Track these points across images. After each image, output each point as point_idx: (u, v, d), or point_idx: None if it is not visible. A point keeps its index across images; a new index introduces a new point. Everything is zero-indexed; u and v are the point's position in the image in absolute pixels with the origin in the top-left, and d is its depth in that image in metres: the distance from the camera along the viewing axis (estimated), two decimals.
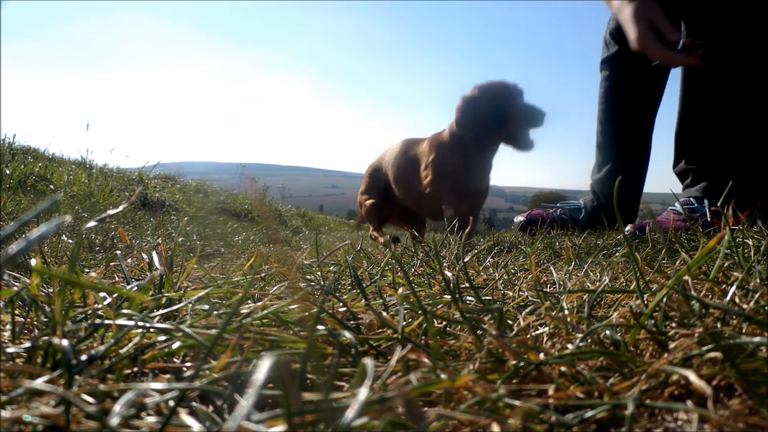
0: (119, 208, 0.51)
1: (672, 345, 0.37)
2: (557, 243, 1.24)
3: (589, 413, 0.30)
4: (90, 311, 0.47)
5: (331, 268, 0.94)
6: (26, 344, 0.38)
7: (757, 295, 0.42)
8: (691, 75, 1.45)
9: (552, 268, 0.75)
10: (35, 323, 0.46)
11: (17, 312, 0.50)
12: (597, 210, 1.85)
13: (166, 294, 0.54)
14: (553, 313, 0.47)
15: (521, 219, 1.92)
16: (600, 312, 0.54)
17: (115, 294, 0.49)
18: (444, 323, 0.48)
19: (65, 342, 0.34)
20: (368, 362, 0.31)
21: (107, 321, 0.40)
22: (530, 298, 0.61)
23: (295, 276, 0.73)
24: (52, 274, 0.39)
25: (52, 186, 3.26)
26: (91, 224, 0.48)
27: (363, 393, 0.26)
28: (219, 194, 5.79)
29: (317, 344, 0.40)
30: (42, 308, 0.44)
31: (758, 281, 0.48)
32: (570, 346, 0.40)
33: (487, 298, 0.62)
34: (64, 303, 0.41)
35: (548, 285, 0.76)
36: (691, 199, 1.45)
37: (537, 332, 0.45)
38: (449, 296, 0.52)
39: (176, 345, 0.39)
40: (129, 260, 1.09)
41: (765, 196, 1.32)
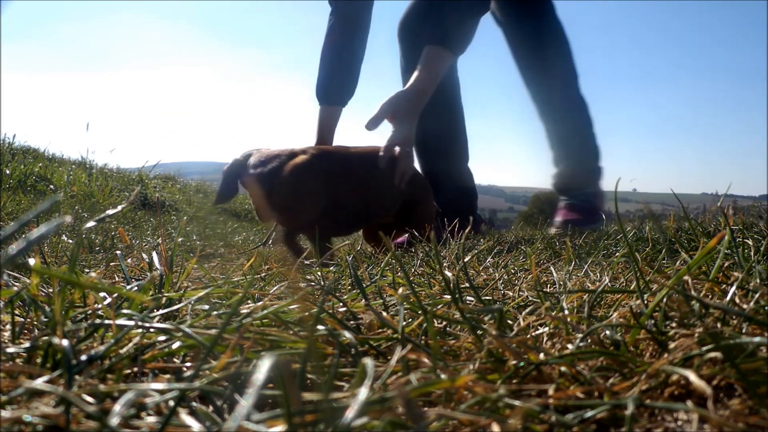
0: (118, 208, 0.51)
1: (672, 345, 0.37)
2: (557, 243, 1.24)
3: (589, 413, 0.30)
4: (90, 311, 0.47)
5: (331, 269, 0.94)
6: (26, 344, 0.38)
7: (757, 295, 0.42)
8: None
9: (552, 268, 0.75)
10: (35, 323, 0.46)
11: (17, 312, 0.50)
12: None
13: (166, 294, 0.54)
14: (553, 313, 0.47)
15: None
16: (600, 312, 0.54)
17: (115, 294, 0.49)
18: (444, 323, 0.48)
19: (65, 342, 0.34)
20: (368, 362, 0.31)
21: (107, 321, 0.40)
22: (530, 298, 0.61)
23: (295, 276, 0.73)
24: (52, 274, 0.39)
25: (52, 186, 3.26)
26: (91, 224, 0.48)
27: (363, 393, 0.26)
28: None
29: (317, 344, 0.40)
30: (42, 308, 0.44)
31: (758, 281, 0.48)
32: (570, 346, 0.40)
33: (487, 298, 0.62)
34: (64, 303, 0.41)
35: (548, 285, 0.76)
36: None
37: (537, 332, 0.45)
38: (449, 296, 0.52)
39: (176, 345, 0.39)
40: (129, 260, 1.09)
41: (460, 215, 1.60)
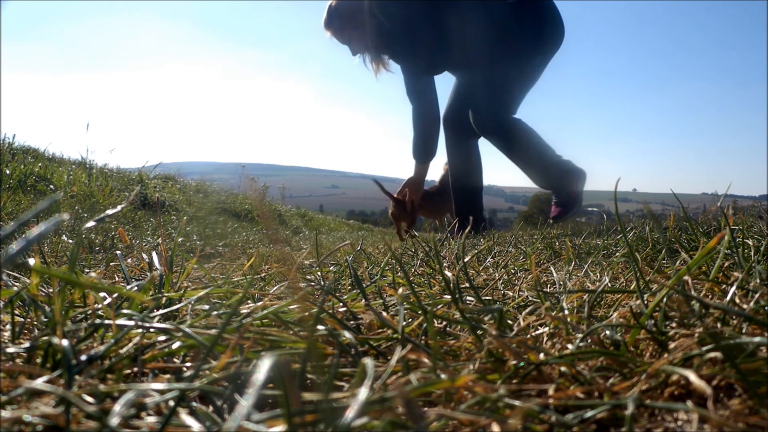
0: (118, 208, 0.51)
1: (672, 345, 0.37)
2: (557, 243, 1.24)
3: (589, 413, 0.30)
4: (90, 311, 0.47)
5: (331, 268, 0.94)
6: (26, 344, 0.38)
7: (757, 295, 0.42)
8: None
9: (552, 268, 0.75)
10: (35, 323, 0.46)
11: (17, 312, 0.50)
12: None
13: (166, 294, 0.54)
14: (553, 313, 0.47)
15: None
16: (600, 312, 0.54)
17: (115, 294, 0.49)
18: (444, 323, 0.48)
19: (65, 342, 0.34)
20: (368, 362, 0.31)
21: (107, 321, 0.40)
22: (530, 298, 0.61)
23: (295, 276, 0.73)
24: (52, 274, 0.39)
25: (52, 186, 3.26)
26: (90, 224, 0.48)
27: (363, 393, 0.26)
28: (219, 194, 5.79)
29: (317, 344, 0.40)
30: (42, 308, 0.44)
31: (758, 281, 0.48)
32: (570, 346, 0.40)
33: (487, 298, 0.62)
34: (64, 303, 0.41)
35: (548, 285, 0.76)
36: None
37: (537, 332, 0.45)
38: (449, 296, 0.52)
39: (176, 345, 0.39)
40: (129, 260, 1.09)
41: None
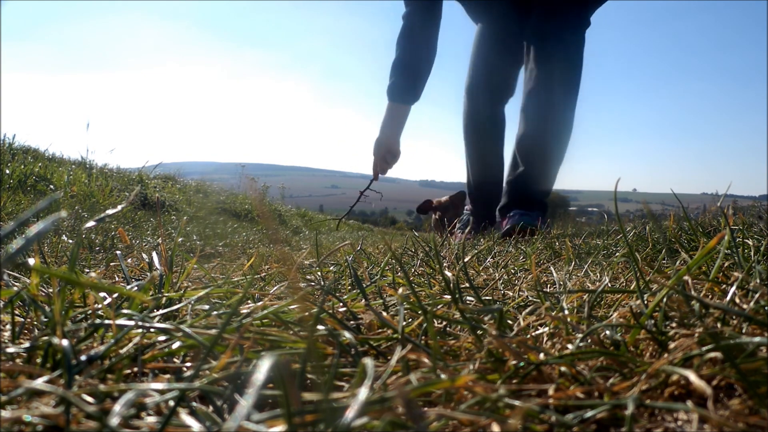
0: (117, 208, 0.51)
1: (672, 345, 0.37)
2: (557, 243, 1.24)
3: (589, 413, 0.30)
4: (90, 311, 0.47)
5: (331, 268, 0.94)
6: (26, 344, 0.38)
7: (757, 295, 0.42)
8: None
9: (552, 268, 0.75)
10: (35, 323, 0.46)
11: (17, 312, 0.50)
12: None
13: (166, 294, 0.54)
14: (553, 313, 0.47)
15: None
16: (600, 312, 0.54)
17: (115, 294, 0.49)
18: (444, 323, 0.48)
19: (65, 342, 0.34)
20: (368, 362, 0.31)
21: (107, 321, 0.40)
22: (530, 298, 0.61)
23: (295, 276, 0.73)
24: (52, 274, 0.39)
25: (52, 186, 3.26)
26: (90, 224, 0.48)
27: (363, 393, 0.26)
28: (219, 194, 5.79)
29: (317, 344, 0.40)
30: (42, 308, 0.44)
31: (758, 281, 0.48)
32: (570, 346, 0.40)
33: (488, 298, 0.62)
34: (64, 303, 0.41)
35: (548, 285, 0.76)
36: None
37: (537, 332, 0.45)
38: (449, 296, 0.52)
39: (176, 345, 0.39)
40: (129, 260, 1.09)
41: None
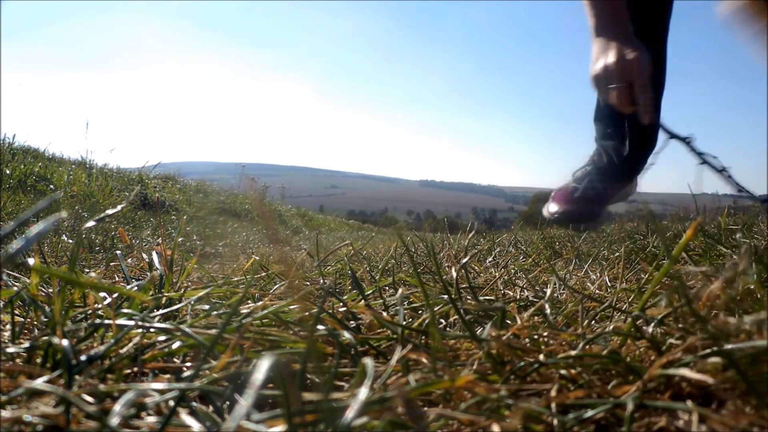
0: (117, 208, 0.51)
1: (670, 341, 0.37)
2: (557, 243, 1.24)
3: (589, 413, 0.30)
4: (90, 311, 0.47)
5: (330, 268, 0.94)
6: (26, 344, 0.38)
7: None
8: None
9: (552, 268, 0.75)
10: (35, 323, 0.46)
11: (17, 312, 0.50)
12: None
13: (166, 294, 0.54)
14: (553, 319, 0.47)
15: (555, 210, 1.76)
16: (600, 313, 0.54)
17: (115, 294, 0.49)
18: (445, 323, 0.48)
19: (65, 342, 0.34)
20: (368, 362, 0.31)
21: (107, 321, 0.40)
22: (530, 298, 0.61)
23: (295, 276, 0.73)
24: (52, 273, 0.39)
25: (52, 186, 3.26)
26: (90, 224, 0.48)
27: (363, 393, 0.26)
28: (219, 194, 5.79)
29: (317, 344, 0.40)
30: (42, 308, 0.44)
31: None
32: (571, 352, 0.40)
33: (488, 298, 0.62)
34: (64, 303, 0.41)
35: (548, 285, 0.76)
36: None
37: (537, 333, 0.45)
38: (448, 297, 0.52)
39: (176, 345, 0.39)
40: (129, 260, 1.09)
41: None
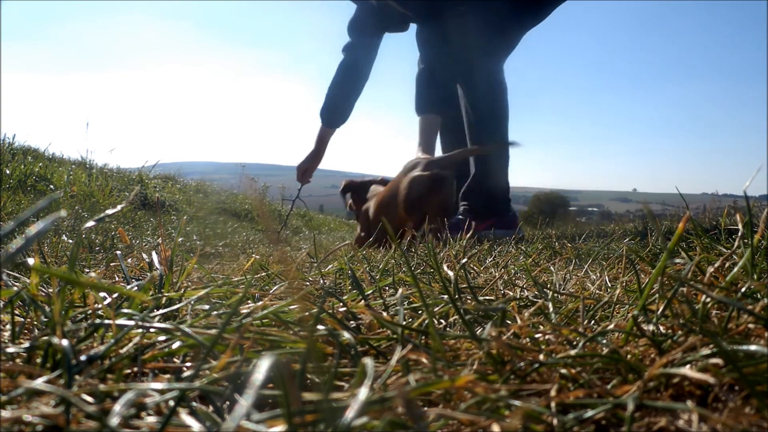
0: (117, 208, 0.51)
1: (669, 342, 0.37)
2: (557, 243, 1.24)
3: (589, 413, 0.30)
4: (90, 311, 0.47)
5: (330, 267, 0.94)
6: (26, 344, 0.38)
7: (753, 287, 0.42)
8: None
9: (552, 268, 0.75)
10: (35, 323, 0.46)
11: (17, 312, 0.50)
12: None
13: (166, 294, 0.54)
14: (554, 319, 0.47)
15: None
16: (600, 313, 0.54)
17: (115, 294, 0.49)
18: (445, 323, 0.48)
19: (65, 342, 0.34)
20: (368, 362, 0.31)
21: (107, 321, 0.40)
22: (530, 298, 0.61)
23: (295, 276, 0.73)
24: (52, 273, 0.39)
25: (52, 186, 3.26)
26: (90, 224, 0.48)
27: (363, 393, 0.26)
28: (219, 194, 5.79)
29: (317, 344, 0.40)
30: (42, 308, 0.44)
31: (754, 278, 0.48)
32: (571, 352, 0.40)
33: (488, 299, 0.62)
34: (64, 303, 0.41)
35: (548, 285, 0.76)
36: (460, 216, 2.11)
37: (537, 333, 0.45)
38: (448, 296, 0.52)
39: (176, 345, 0.39)
40: (129, 260, 1.09)
41: (498, 216, 2.02)
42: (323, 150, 2.32)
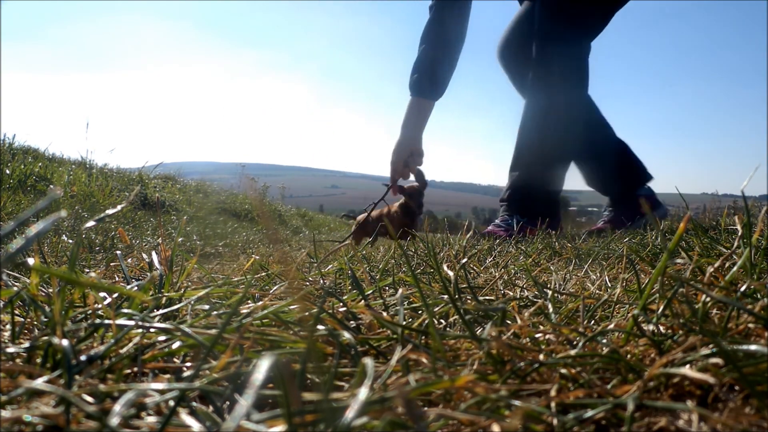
0: (117, 208, 0.51)
1: (669, 342, 0.37)
2: (557, 243, 1.24)
3: (589, 413, 0.30)
4: (90, 311, 0.47)
5: (330, 267, 0.94)
6: (26, 344, 0.38)
7: (753, 287, 0.42)
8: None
9: (552, 268, 0.75)
10: (35, 323, 0.46)
11: (17, 312, 0.50)
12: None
13: (166, 294, 0.54)
14: (553, 320, 0.47)
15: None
16: (600, 313, 0.54)
17: (115, 294, 0.49)
18: (445, 323, 0.48)
19: (65, 342, 0.34)
20: (368, 362, 0.31)
21: (107, 321, 0.40)
22: (530, 298, 0.61)
23: (295, 276, 0.73)
24: (52, 273, 0.39)
25: (52, 186, 3.26)
26: (91, 224, 0.48)
27: (363, 393, 0.26)
28: (219, 194, 5.79)
29: (317, 344, 0.40)
30: (42, 308, 0.44)
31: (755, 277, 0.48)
32: (571, 352, 0.40)
33: (488, 299, 0.62)
34: (64, 303, 0.41)
35: (548, 285, 0.76)
36: (506, 216, 2.03)
37: (537, 333, 0.45)
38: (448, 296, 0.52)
39: (176, 345, 0.39)
40: (129, 260, 1.09)
41: (551, 218, 1.89)
42: (422, 130, 1.95)
